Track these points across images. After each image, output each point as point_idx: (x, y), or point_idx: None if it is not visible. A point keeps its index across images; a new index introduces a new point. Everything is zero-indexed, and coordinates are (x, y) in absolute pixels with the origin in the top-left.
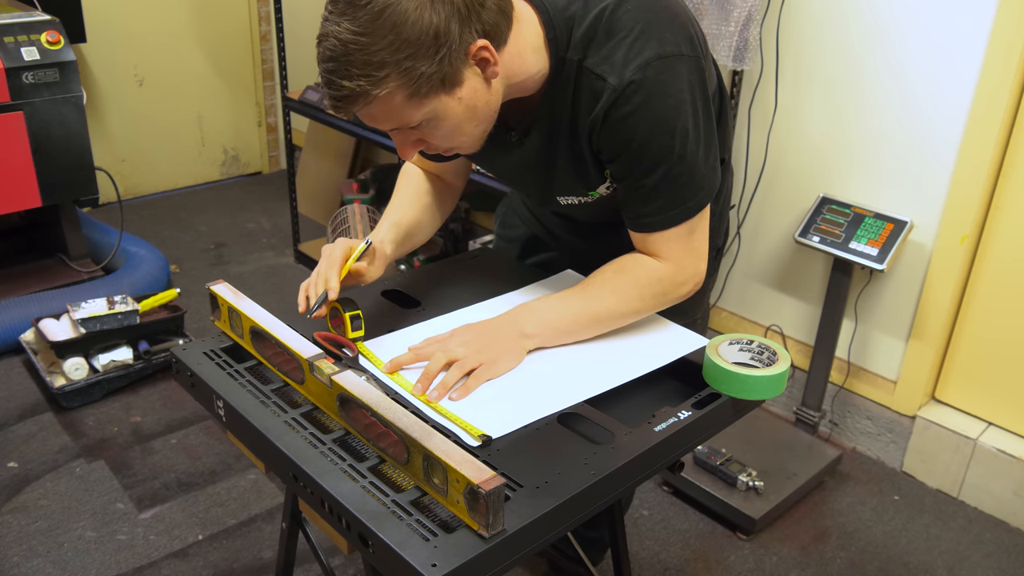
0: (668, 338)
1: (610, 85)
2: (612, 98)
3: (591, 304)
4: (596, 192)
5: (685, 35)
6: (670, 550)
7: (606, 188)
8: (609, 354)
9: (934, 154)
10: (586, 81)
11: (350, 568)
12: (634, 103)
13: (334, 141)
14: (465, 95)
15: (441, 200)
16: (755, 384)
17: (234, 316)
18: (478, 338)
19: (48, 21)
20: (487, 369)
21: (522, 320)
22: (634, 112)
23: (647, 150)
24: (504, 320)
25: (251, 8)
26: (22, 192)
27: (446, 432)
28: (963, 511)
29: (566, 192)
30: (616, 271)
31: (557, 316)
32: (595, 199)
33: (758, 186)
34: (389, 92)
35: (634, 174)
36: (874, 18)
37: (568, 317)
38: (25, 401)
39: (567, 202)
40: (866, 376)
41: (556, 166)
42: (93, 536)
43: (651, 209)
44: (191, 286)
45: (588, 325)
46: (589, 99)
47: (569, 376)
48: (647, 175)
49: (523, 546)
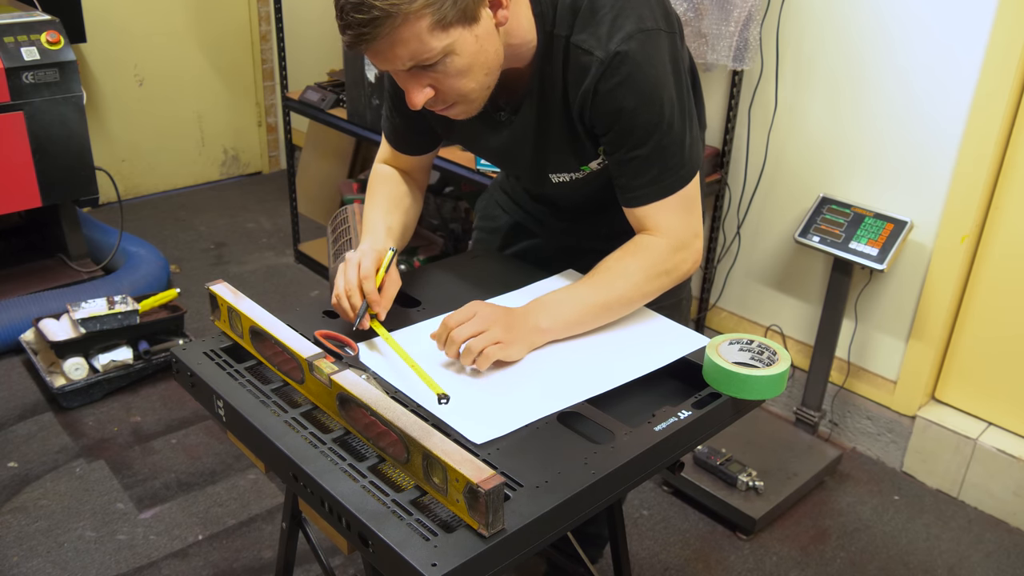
0: (668, 338)
1: (597, 58)
2: (600, 70)
3: (601, 293)
4: (588, 167)
5: (662, 11)
6: (670, 550)
7: (598, 164)
8: (610, 354)
9: (934, 154)
10: (574, 56)
11: (350, 568)
12: (622, 73)
13: (334, 141)
14: (480, 34)
15: (416, 200)
16: (755, 384)
17: (234, 316)
18: (502, 319)
19: (48, 21)
20: (504, 348)
21: (536, 315)
22: (622, 83)
23: (637, 120)
24: (520, 313)
25: (251, 8)
26: (22, 192)
27: (445, 430)
28: (963, 511)
29: (559, 169)
30: (620, 258)
31: (570, 309)
32: (586, 175)
33: (758, 186)
34: (417, 15)
35: (626, 145)
36: (874, 18)
37: (580, 308)
38: (25, 401)
39: (559, 179)
40: (866, 376)
41: (550, 142)
42: (93, 536)
43: (644, 181)
44: (191, 286)
45: (600, 314)
46: (578, 74)
47: (569, 376)
48: (638, 146)
49: (523, 546)
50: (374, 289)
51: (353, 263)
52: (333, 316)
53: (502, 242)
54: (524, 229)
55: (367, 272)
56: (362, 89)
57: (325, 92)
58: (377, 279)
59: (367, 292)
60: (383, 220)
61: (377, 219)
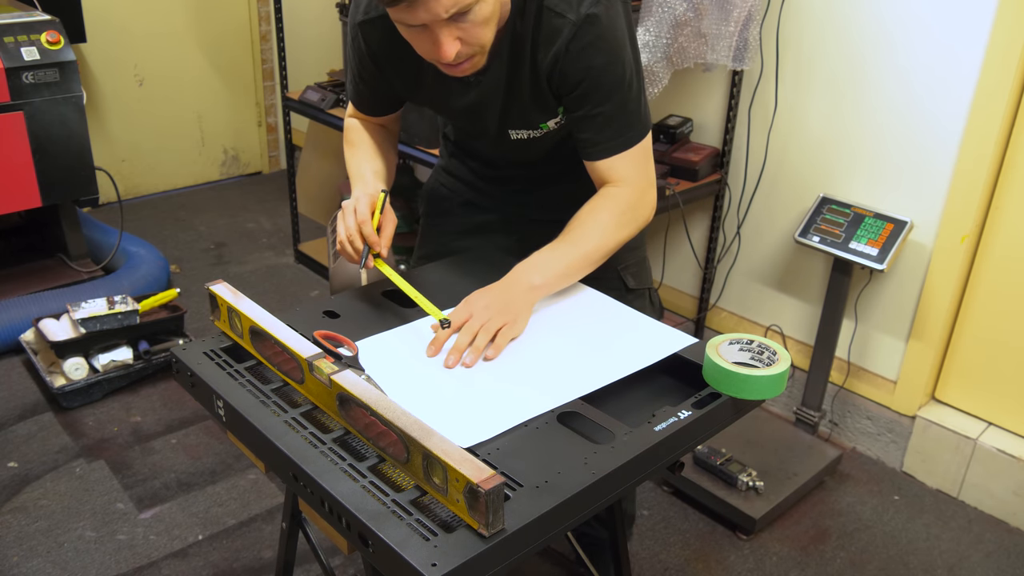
0: (655, 338)
1: (570, 20)
2: (572, 32)
3: (580, 245)
4: (546, 126)
5: None
6: (670, 550)
7: (555, 123)
8: (598, 354)
9: (934, 154)
10: (546, 19)
11: (350, 568)
12: (592, 34)
13: (334, 141)
14: None
15: (392, 144)
16: (756, 384)
17: (234, 316)
18: (496, 301)
19: (48, 21)
20: (510, 328)
21: (528, 275)
22: (592, 43)
23: (604, 78)
24: (511, 280)
25: (251, 8)
26: (22, 192)
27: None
28: (963, 511)
29: (520, 126)
30: (590, 211)
31: (556, 264)
32: (544, 133)
33: (758, 186)
34: None
35: (591, 102)
36: (874, 18)
37: (565, 262)
38: (25, 401)
39: (517, 136)
40: (866, 376)
41: (515, 100)
42: (93, 536)
43: (607, 135)
44: (191, 286)
45: (584, 265)
46: (549, 34)
47: (560, 375)
48: (602, 103)
49: (523, 546)
50: (372, 232)
51: (349, 210)
52: (333, 316)
53: (458, 219)
54: (476, 206)
55: (363, 216)
56: None
57: (325, 92)
58: (374, 221)
59: (367, 235)
60: (369, 165)
61: (363, 166)
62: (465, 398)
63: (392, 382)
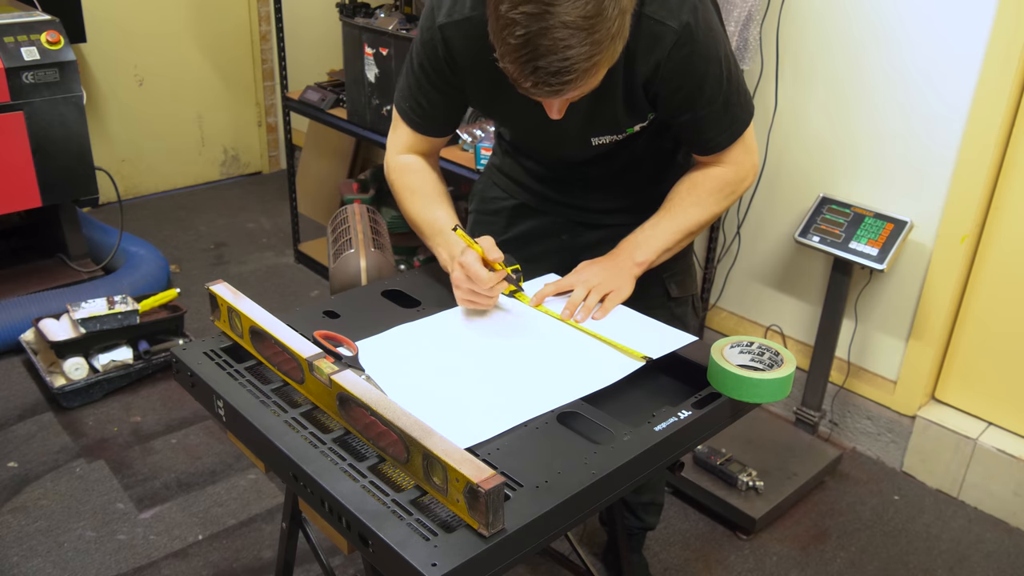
0: (655, 336)
1: (671, 28)
2: (674, 39)
3: (680, 221)
4: (632, 129)
5: None
6: (670, 550)
7: (641, 125)
8: (598, 353)
9: (934, 154)
10: (645, 27)
11: (350, 568)
12: (694, 40)
13: (334, 141)
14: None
15: (443, 180)
16: (762, 388)
17: (234, 316)
18: (604, 271)
19: (48, 21)
20: (617, 294)
21: (632, 253)
22: (695, 49)
23: (708, 80)
24: (617, 254)
25: (251, 8)
26: (22, 192)
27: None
28: (963, 511)
29: (605, 132)
30: (689, 188)
31: (658, 240)
32: (626, 136)
33: (758, 186)
34: (607, 59)
35: (699, 103)
36: (874, 18)
37: (667, 237)
38: (25, 401)
39: (599, 142)
40: (866, 376)
41: (605, 106)
42: (93, 536)
43: (718, 130)
44: (191, 286)
45: (682, 239)
46: (649, 42)
47: (560, 375)
48: (710, 103)
49: (523, 546)
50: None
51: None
52: (333, 316)
53: (505, 223)
54: (527, 209)
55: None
56: (362, 89)
57: (325, 92)
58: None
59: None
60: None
61: (437, 206)
62: (465, 398)
63: (392, 382)
